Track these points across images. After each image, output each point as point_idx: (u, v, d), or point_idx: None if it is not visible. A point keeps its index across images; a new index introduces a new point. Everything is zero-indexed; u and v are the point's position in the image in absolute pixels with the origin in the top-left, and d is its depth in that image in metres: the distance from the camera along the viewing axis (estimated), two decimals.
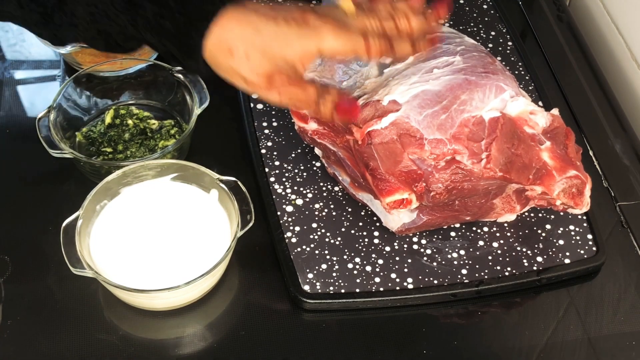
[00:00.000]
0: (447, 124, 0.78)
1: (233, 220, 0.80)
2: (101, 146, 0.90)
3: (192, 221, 0.82)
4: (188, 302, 0.80)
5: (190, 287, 0.75)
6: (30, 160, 0.92)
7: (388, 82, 0.82)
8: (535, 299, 0.84)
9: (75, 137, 0.92)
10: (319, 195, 0.88)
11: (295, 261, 0.83)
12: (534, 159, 0.80)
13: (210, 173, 0.83)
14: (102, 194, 0.82)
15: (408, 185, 0.79)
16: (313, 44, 0.70)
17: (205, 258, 0.77)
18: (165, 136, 0.92)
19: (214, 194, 0.83)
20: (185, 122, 0.93)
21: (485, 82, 0.80)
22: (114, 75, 0.96)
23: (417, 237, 0.86)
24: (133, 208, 0.83)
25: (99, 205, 0.82)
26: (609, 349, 0.80)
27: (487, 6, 1.10)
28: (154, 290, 0.75)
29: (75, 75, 0.92)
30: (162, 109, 0.96)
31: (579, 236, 0.86)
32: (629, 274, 0.85)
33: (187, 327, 0.80)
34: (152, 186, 0.84)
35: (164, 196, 0.84)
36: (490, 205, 0.84)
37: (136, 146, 0.91)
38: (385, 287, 0.82)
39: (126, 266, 0.77)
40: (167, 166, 0.84)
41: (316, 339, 0.79)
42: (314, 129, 0.86)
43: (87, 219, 0.80)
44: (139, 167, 0.83)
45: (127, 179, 0.83)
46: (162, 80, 0.95)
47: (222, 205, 0.83)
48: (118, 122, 0.92)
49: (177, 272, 0.77)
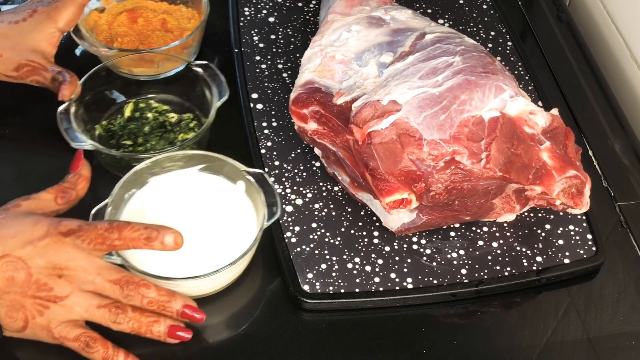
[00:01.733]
0: (446, 124, 0.78)
1: (259, 212, 0.81)
2: (121, 139, 0.91)
3: (218, 212, 0.82)
4: (213, 291, 0.81)
5: (216, 276, 0.76)
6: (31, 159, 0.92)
7: (388, 82, 0.82)
8: (535, 299, 0.84)
9: (95, 130, 0.92)
10: (318, 195, 0.88)
11: (294, 261, 0.83)
12: (534, 159, 0.80)
13: (237, 165, 0.83)
14: (131, 182, 0.83)
15: (408, 185, 0.79)
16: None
17: (230, 249, 0.78)
18: (184, 129, 0.92)
19: (241, 185, 0.84)
20: (204, 115, 0.93)
21: (484, 82, 0.80)
22: (152, 79, 0.97)
23: (417, 237, 0.86)
24: (161, 197, 0.83)
25: (127, 193, 0.83)
26: (609, 349, 0.80)
27: (486, 6, 1.10)
28: (179, 279, 0.76)
29: (95, 69, 0.93)
30: (181, 102, 0.96)
31: (579, 236, 0.86)
32: (628, 274, 0.85)
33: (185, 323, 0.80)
34: (180, 176, 0.85)
35: (191, 186, 0.84)
36: (490, 205, 0.84)
37: (156, 139, 0.91)
38: (385, 287, 0.82)
39: (152, 254, 0.78)
40: (195, 157, 0.85)
41: (316, 339, 0.79)
42: (314, 129, 0.86)
43: (116, 207, 0.81)
44: (166, 157, 0.84)
45: (156, 168, 0.84)
46: (181, 74, 0.95)
47: (249, 197, 0.83)
48: (137, 116, 0.93)
49: (202, 262, 0.77)
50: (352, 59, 0.88)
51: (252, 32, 1.04)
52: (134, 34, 0.98)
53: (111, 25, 0.99)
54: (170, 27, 0.99)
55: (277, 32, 1.04)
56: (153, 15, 1.00)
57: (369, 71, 0.85)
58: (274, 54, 1.02)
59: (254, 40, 1.03)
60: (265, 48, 1.02)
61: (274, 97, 0.97)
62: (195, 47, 1.00)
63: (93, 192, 0.82)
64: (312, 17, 1.07)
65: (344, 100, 0.84)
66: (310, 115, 0.86)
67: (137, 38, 0.98)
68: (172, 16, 1.00)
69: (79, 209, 0.83)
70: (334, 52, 0.89)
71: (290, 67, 1.00)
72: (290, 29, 1.05)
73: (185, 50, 0.98)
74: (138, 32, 0.98)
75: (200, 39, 1.01)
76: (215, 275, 0.76)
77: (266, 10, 1.07)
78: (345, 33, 0.90)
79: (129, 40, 0.97)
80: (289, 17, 1.06)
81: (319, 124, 0.86)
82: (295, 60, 1.01)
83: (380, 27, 0.90)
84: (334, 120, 0.84)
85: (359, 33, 0.90)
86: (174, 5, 1.03)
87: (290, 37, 1.04)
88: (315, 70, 0.88)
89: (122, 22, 0.99)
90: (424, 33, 0.87)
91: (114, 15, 1.00)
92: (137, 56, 0.94)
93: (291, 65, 1.00)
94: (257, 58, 1.01)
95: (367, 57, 0.87)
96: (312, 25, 1.06)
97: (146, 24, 0.99)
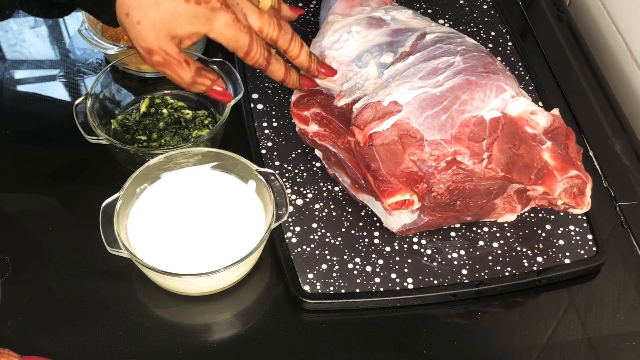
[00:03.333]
0: (447, 124, 0.78)
1: (268, 211, 0.81)
2: (136, 134, 0.91)
3: (228, 210, 0.83)
4: (219, 289, 0.81)
5: (222, 274, 0.77)
6: (32, 160, 0.92)
7: (388, 83, 0.82)
8: (535, 299, 0.84)
9: (111, 124, 0.93)
10: (319, 195, 0.88)
11: (295, 261, 0.83)
12: (535, 159, 0.80)
13: (249, 164, 0.83)
14: (143, 177, 0.83)
15: (409, 186, 0.79)
16: (202, 29, 0.76)
17: (238, 247, 0.79)
18: (199, 126, 0.92)
19: (252, 184, 0.84)
20: (219, 112, 0.94)
21: (485, 82, 0.80)
22: (159, 76, 0.97)
23: (417, 237, 0.86)
24: (172, 193, 0.84)
25: (139, 188, 0.83)
26: (609, 349, 0.80)
27: (487, 6, 1.10)
28: (186, 275, 0.76)
29: (112, 64, 0.93)
30: (196, 99, 0.97)
31: (579, 236, 0.86)
32: (629, 274, 0.85)
33: (187, 323, 0.80)
34: (192, 173, 0.85)
35: (202, 183, 0.85)
36: (491, 205, 0.84)
37: (170, 135, 0.91)
38: (386, 287, 0.82)
39: (160, 249, 0.79)
40: (208, 154, 0.85)
41: (316, 339, 0.79)
42: (315, 131, 0.86)
43: (127, 201, 0.81)
44: (180, 153, 0.84)
45: (168, 164, 0.85)
46: None
47: (259, 197, 0.83)
48: (153, 111, 0.93)
49: (210, 260, 0.78)
50: (352, 60, 0.88)
51: None
52: None
53: None
54: None
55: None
56: None
57: (369, 72, 0.85)
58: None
59: None
60: None
61: (274, 97, 0.97)
62: (201, 43, 1.00)
63: (106, 186, 0.82)
64: (312, 17, 1.07)
65: (344, 102, 0.84)
66: (311, 117, 0.86)
67: None
68: None
69: (90, 201, 0.83)
70: (334, 53, 0.88)
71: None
72: None
73: (192, 46, 0.97)
74: None
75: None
76: (221, 273, 0.76)
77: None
78: (346, 34, 0.90)
79: None
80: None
81: (320, 125, 0.86)
82: None
83: (380, 28, 0.90)
84: (335, 122, 0.84)
85: (359, 34, 0.89)
86: None
87: None
88: None
89: None
90: (424, 33, 0.87)
91: None
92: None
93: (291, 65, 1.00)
94: None
95: (367, 58, 0.87)
96: (312, 25, 1.06)
97: None
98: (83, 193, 0.89)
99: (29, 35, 1.05)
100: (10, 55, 1.04)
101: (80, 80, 1.00)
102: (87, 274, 0.83)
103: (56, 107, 0.98)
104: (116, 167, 0.90)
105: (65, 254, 0.84)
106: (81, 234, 0.85)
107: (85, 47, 1.02)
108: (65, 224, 0.87)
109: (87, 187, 0.89)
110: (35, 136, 0.94)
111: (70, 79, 1.00)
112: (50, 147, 0.93)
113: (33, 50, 1.04)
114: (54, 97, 0.99)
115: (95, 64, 1.01)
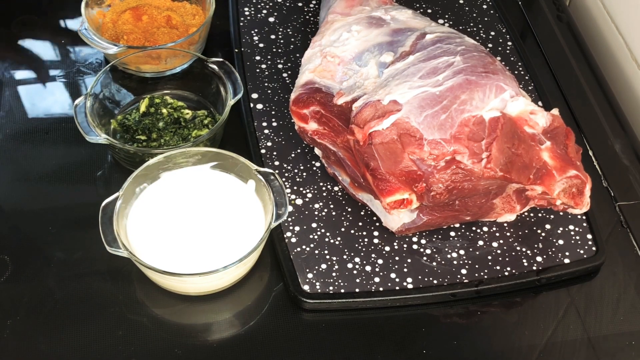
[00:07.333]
0: (447, 123, 0.78)
1: (268, 211, 0.81)
2: (135, 134, 0.91)
3: (227, 210, 0.83)
4: (218, 289, 0.81)
5: (221, 274, 0.77)
6: (32, 160, 0.92)
7: (388, 82, 0.82)
8: (535, 298, 0.84)
9: (110, 124, 0.93)
10: (318, 195, 0.88)
11: (295, 261, 0.83)
12: (535, 159, 0.80)
13: (248, 164, 0.84)
14: (143, 177, 0.83)
15: (408, 185, 0.79)
16: None
17: (237, 247, 0.79)
18: (198, 126, 0.92)
19: (251, 184, 0.84)
20: (219, 112, 0.94)
21: (485, 82, 0.80)
22: (159, 76, 0.97)
23: (417, 237, 0.86)
24: (171, 193, 0.84)
25: (138, 188, 0.83)
26: (609, 348, 0.80)
27: (487, 6, 1.10)
28: (185, 275, 0.76)
29: (112, 64, 0.93)
30: (195, 99, 0.97)
31: (579, 236, 0.86)
32: (628, 273, 0.85)
33: (187, 322, 0.80)
34: (192, 173, 0.86)
35: (202, 183, 0.85)
36: (490, 205, 0.84)
37: (170, 135, 0.91)
38: (385, 287, 0.82)
39: (159, 249, 0.79)
40: (207, 154, 0.85)
41: (316, 339, 0.79)
42: (314, 129, 0.86)
43: (126, 201, 0.81)
44: (179, 153, 0.84)
45: (168, 164, 0.85)
46: (196, 71, 0.95)
47: (259, 196, 0.83)
48: (152, 111, 0.93)
49: (209, 259, 0.78)
50: (352, 59, 0.88)
51: (252, 32, 1.04)
52: (139, 32, 0.98)
53: (116, 24, 0.99)
54: (175, 23, 0.99)
55: (277, 32, 1.04)
56: (157, 12, 1.00)
57: (369, 71, 0.85)
58: (274, 54, 1.02)
59: (254, 40, 1.03)
60: (265, 48, 1.02)
61: (274, 97, 0.97)
62: (201, 44, 1.01)
63: (105, 186, 0.82)
64: (312, 17, 1.07)
65: (344, 100, 0.84)
66: (310, 116, 0.86)
67: (143, 35, 0.98)
68: (177, 13, 1.01)
69: (89, 201, 0.83)
70: (334, 52, 0.89)
71: (290, 67, 1.00)
72: (290, 29, 1.05)
73: (191, 46, 0.98)
74: (143, 30, 0.98)
75: (206, 35, 1.01)
76: (221, 273, 0.76)
77: (266, 10, 1.07)
78: (346, 33, 0.90)
79: (134, 37, 0.97)
80: (289, 17, 1.06)
81: (319, 124, 0.86)
82: (295, 60, 1.01)
83: (380, 27, 0.90)
84: (335, 121, 0.84)
85: (359, 33, 0.90)
86: (177, 2, 1.03)
87: (290, 37, 1.04)
88: (315, 71, 0.88)
89: (126, 20, 0.99)
90: (424, 33, 0.87)
91: (118, 13, 1.00)
92: (144, 53, 0.94)
93: (291, 65, 1.00)
94: (257, 58, 1.01)
95: (367, 57, 0.87)
96: (312, 25, 1.06)
97: (151, 21, 0.99)
98: (83, 193, 0.89)
99: (29, 35, 1.05)
100: (10, 55, 1.04)
101: (80, 80, 1.00)
102: (87, 274, 0.83)
103: (56, 107, 0.98)
104: (116, 167, 0.90)
105: (65, 254, 0.84)
106: (81, 234, 0.85)
107: (85, 47, 1.02)
108: (65, 224, 0.87)
109: (87, 187, 0.90)
110: (35, 136, 0.94)
111: (70, 79, 1.00)
112: (50, 147, 0.93)
113: (33, 50, 1.04)
114: (54, 97, 0.99)
115: (95, 64, 1.02)
